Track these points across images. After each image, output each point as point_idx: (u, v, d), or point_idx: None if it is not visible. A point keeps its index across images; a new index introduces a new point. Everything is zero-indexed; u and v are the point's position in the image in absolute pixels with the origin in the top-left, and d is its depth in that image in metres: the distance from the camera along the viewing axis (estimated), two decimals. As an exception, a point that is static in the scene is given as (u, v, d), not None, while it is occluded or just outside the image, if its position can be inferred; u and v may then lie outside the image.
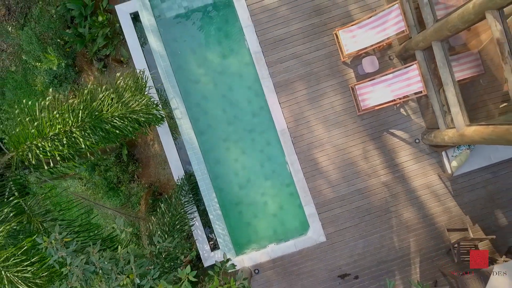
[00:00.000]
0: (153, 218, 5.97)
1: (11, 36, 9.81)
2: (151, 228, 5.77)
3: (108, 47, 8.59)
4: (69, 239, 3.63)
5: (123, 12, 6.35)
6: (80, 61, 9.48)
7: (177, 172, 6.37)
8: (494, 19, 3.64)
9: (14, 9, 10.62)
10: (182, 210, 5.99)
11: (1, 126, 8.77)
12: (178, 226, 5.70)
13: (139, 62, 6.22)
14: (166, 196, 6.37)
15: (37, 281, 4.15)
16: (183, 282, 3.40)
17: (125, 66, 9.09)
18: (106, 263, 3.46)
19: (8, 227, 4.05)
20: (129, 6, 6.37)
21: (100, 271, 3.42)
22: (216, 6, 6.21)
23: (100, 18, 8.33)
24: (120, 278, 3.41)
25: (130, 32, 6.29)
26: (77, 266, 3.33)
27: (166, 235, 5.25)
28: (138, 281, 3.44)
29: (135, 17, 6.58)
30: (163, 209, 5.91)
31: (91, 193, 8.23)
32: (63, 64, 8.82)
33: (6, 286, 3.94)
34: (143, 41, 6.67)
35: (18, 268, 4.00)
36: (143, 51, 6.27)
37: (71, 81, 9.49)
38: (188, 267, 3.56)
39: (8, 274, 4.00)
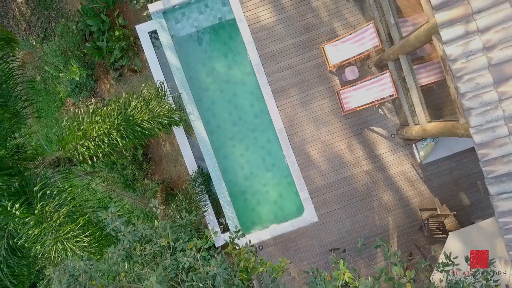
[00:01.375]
0: (172, 205, 7.21)
1: (35, 49, 11.07)
2: (171, 213, 7.01)
3: (123, 58, 9.85)
4: (120, 213, 4.85)
5: (142, 31, 7.60)
6: (97, 70, 10.75)
7: (191, 166, 7.62)
8: (438, 41, 4.91)
9: (35, 24, 11.90)
10: (197, 198, 7.25)
11: (41, 131, 9.95)
12: (194, 212, 6.93)
13: (157, 74, 7.46)
14: (183, 187, 7.63)
15: (90, 249, 5.40)
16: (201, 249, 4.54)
17: (138, 74, 10.37)
18: (148, 230, 4.69)
19: (67, 208, 5.28)
20: (148, 26, 7.62)
21: (145, 236, 4.65)
22: (221, 26, 7.48)
23: (116, 33, 9.58)
24: (160, 242, 4.64)
25: (149, 49, 7.54)
26: (129, 232, 4.56)
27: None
28: (173, 244, 4.67)
29: (152, 33, 7.82)
30: (181, 197, 7.16)
31: (110, 189, 9.47)
32: (84, 74, 10.06)
33: (69, 253, 5.17)
34: (160, 54, 7.90)
35: (76, 239, 5.24)
36: (160, 64, 7.51)
37: (89, 89, 10.76)
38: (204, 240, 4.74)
39: (68, 244, 5.24)
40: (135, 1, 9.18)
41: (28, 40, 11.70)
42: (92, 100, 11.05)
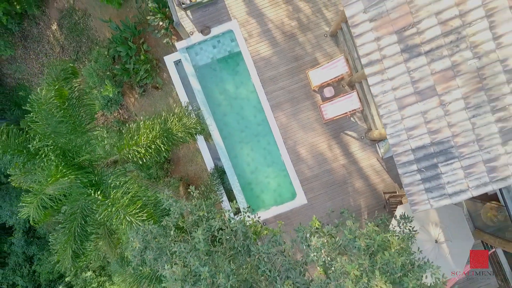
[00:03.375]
0: (195, 195, 9.93)
1: (56, 62, 13.78)
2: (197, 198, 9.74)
3: (148, 78, 12.59)
4: (171, 195, 7.57)
5: (169, 60, 10.35)
6: (124, 87, 13.51)
7: (209, 164, 10.38)
8: (367, 84, 7.66)
9: (67, 47, 14.69)
10: (215, 188, 10.01)
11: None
12: (214, 197, 9.66)
13: (182, 95, 10.20)
14: (205, 180, 10.38)
15: (146, 221, 8.10)
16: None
17: (160, 90, 13.11)
18: (190, 206, 7.42)
19: (131, 194, 8.01)
20: (173, 56, 10.37)
21: (188, 210, 7.39)
22: (231, 56, 10.24)
23: (142, 57, 12.34)
24: (198, 213, 7.36)
25: (174, 75, 10.28)
26: (178, 207, 7.28)
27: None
28: (207, 214, 7.39)
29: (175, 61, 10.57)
30: (203, 188, 9.90)
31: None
32: (116, 91, 12.81)
33: (133, 224, 7.87)
34: (182, 77, 10.61)
35: (137, 215, 7.95)
36: (184, 87, 10.25)
37: (118, 103, 13.53)
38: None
39: (132, 218, 7.95)
40: (157, 31, 11.98)
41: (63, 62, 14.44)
42: (120, 111, 13.87)
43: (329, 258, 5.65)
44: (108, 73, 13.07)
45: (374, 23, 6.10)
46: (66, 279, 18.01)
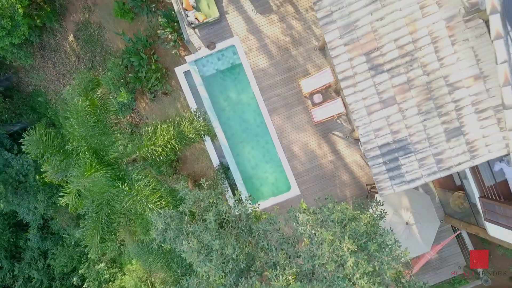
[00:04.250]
0: (205, 187, 11.81)
1: (82, 75, 15.66)
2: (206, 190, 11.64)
3: (158, 85, 14.47)
4: (187, 186, 9.45)
5: (179, 71, 12.24)
6: (136, 93, 15.39)
7: (215, 161, 12.28)
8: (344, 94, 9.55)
9: (83, 57, 16.61)
10: (220, 182, 11.90)
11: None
12: (220, 188, 11.56)
13: (190, 101, 12.09)
14: (211, 175, 12.27)
15: (166, 208, 9.98)
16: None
17: (169, 96, 14.99)
18: (201, 194, 9.30)
19: (150, 185, 9.88)
20: (183, 67, 12.26)
21: (200, 198, 9.28)
22: (233, 67, 12.15)
23: (153, 66, 14.23)
24: (209, 200, 9.24)
25: (184, 83, 12.16)
26: (192, 195, 9.16)
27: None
28: (215, 201, 9.27)
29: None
30: (210, 182, 11.78)
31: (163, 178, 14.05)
32: (129, 97, 14.71)
33: (154, 211, 9.73)
34: (190, 85, 12.50)
35: (157, 203, 9.82)
36: (192, 94, 12.14)
37: (131, 107, 15.43)
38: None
39: (153, 206, 9.82)
40: (166, 43, 13.88)
41: (79, 71, 16.38)
42: (132, 115, 15.79)
43: (312, 231, 7.54)
44: (122, 80, 14.96)
45: (348, 46, 8.01)
46: (80, 272, 19.86)
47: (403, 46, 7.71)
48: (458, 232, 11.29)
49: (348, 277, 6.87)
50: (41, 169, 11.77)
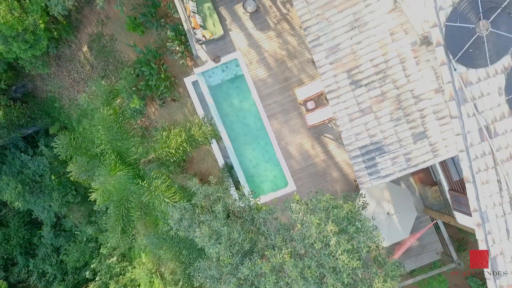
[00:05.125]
0: (213, 183, 13.77)
1: (103, 87, 17.62)
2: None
3: (167, 92, 16.42)
4: (196, 183, 11.39)
5: (188, 81, 14.20)
6: (146, 100, 17.35)
7: (220, 161, 14.24)
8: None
9: (96, 66, 18.57)
10: (225, 180, 13.86)
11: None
12: (225, 185, 13.51)
13: (198, 108, 14.05)
14: (217, 174, 14.23)
15: (179, 202, 11.93)
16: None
17: (176, 102, 16.95)
18: (210, 189, 11.24)
19: (166, 182, 11.83)
20: (191, 78, 14.22)
21: (209, 192, 11.22)
22: (236, 78, 14.10)
23: (162, 75, 16.17)
24: (216, 194, 11.18)
25: (192, 92, 14.12)
26: (203, 190, 11.10)
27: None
28: (223, 195, 11.22)
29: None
30: (216, 179, 13.74)
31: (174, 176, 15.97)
32: (141, 104, 16.67)
33: (169, 205, 11.67)
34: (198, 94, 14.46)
35: (172, 198, 11.76)
36: (200, 101, 14.09)
37: (142, 113, 17.40)
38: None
39: (168, 200, 11.77)
40: (174, 54, 15.82)
41: (93, 79, 18.35)
42: (142, 119, 17.76)
43: (304, 218, 9.49)
44: (133, 88, 16.92)
45: (332, 65, 9.97)
46: (92, 266, 21.83)
47: (377, 65, 9.66)
48: (434, 221, 13.25)
49: (332, 254, 8.82)
50: (66, 169, 13.73)
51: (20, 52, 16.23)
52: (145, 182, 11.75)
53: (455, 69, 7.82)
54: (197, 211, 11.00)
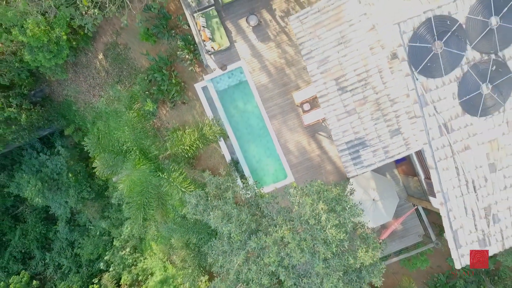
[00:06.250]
0: (223, 174, 16.25)
1: (120, 92, 20.13)
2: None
3: (177, 96, 18.92)
4: (209, 175, 13.86)
5: (198, 86, 16.71)
6: (158, 103, 19.84)
7: (227, 157, 16.75)
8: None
9: (111, 72, 21.08)
10: (233, 173, 16.36)
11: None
12: (233, 176, 16.01)
13: (207, 110, 16.56)
14: (225, 168, 16.75)
15: (195, 191, 14.41)
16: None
17: (186, 105, 19.46)
18: (221, 180, 13.72)
19: (182, 175, 14.31)
20: (201, 84, 16.73)
21: (220, 182, 13.71)
22: (240, 84, 16.62)
23: (173, 81, 18.67)
24: (226, 184, 13.66)
25: (202, 96, 16.62)
26: (215, 180, 13.57)
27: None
28: (232, 185, 13.69)
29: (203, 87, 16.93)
30: (226, 172, 16.23)
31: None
32: (154, 107, 19.18)
33: (186, 194, 14.13)
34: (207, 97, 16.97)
35: (188, 188, 14.23)
36: (208, 104, 16.60)
37: (155, 114, 19.92)
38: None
39: (185, 190, 14.24)
40: (183, 62, 18.34)
41: (108, 84, 20.85)
42: (154, 121, 20.29)
43: (300, 200, 11.98)
44: (147, 92, 19.42)
45: (323, 74, 12.48)
46: (105, 258, 24.29)
47: (360, 74, 12.18)
48: (415, 207, 15.76)
49: (323, 228, 11.32)
50: (92, 165, 16.21)
51: (44, 61, 18.70)
52: (164, 174, 14.24)
53: (417, 79, 10.34)
54: (209, 198, 13.49)
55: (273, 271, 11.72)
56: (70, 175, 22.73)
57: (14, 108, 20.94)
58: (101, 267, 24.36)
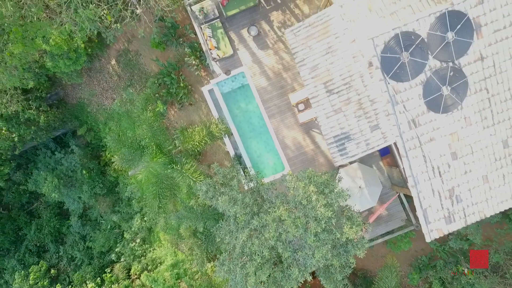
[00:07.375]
0: (228, 167, 19.02)
1: (133, 95, 22.93)
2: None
3: (185, 98, 21.75)
4: (217, 166, 16.63)
5: (205, 89, 19.53)
6: (167, 104, 22.65)
7: (231, 152, 19.56)
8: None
9: (123, 76, 23.90)
10: (236, 166, 19.17)
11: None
12: (237, 168, 18.79)
13: (213, 111, 19.37)
14: (230, 161, 19.57)
15: (203, 180, 17.20)
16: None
17: (193, 106, 22.28)
18: (228, 171, 16.50)
19: (193, 167, 17.08)
20: (207, 87, 19.55)
21: (226, 172, 16.49)
22: (242, 87, 19.44)
23: (181, 84, 21.51)
24: (232, 174, 16.44)
25: (208, 98, 19.43)
26: (222, 171, 16.34)
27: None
28: (236, 175, 16.47)
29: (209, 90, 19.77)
30: (230, 165, 19.00)
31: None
32: (164, 108, 22.00)
33: (197, 183, 16.89)
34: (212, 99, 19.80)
35: (199, 177, 16.97)
36: (214, 105, 19.41)
37: (164, 115, 22.74)
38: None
39: (196, 180, 17.02)
40: (190, 67, 21.18)
41: (120, 87, 23.68)
42: (164, 121, 23.11)
43: (294, 185, 14.77)
44: (157, 95, 22.25)
45: (313, 79, 15.31)
46: (116, 250, 27.00)
47: (344, 79, 15.01)
48: (397, 194, 18.56)
49: (314, 207, 14.11)
50: (111, 160, 19.01)
51: (64, 67, 21.51)
52: (178, 166, 17.04)
53: (389, 83, 13.18)
54: (217, 186, 16.28)
55: (273, 245, 14.49)
56: (84, 172, 25.48)
57: (33, 110, 23.72)
58: (113, 258, 27.03)
